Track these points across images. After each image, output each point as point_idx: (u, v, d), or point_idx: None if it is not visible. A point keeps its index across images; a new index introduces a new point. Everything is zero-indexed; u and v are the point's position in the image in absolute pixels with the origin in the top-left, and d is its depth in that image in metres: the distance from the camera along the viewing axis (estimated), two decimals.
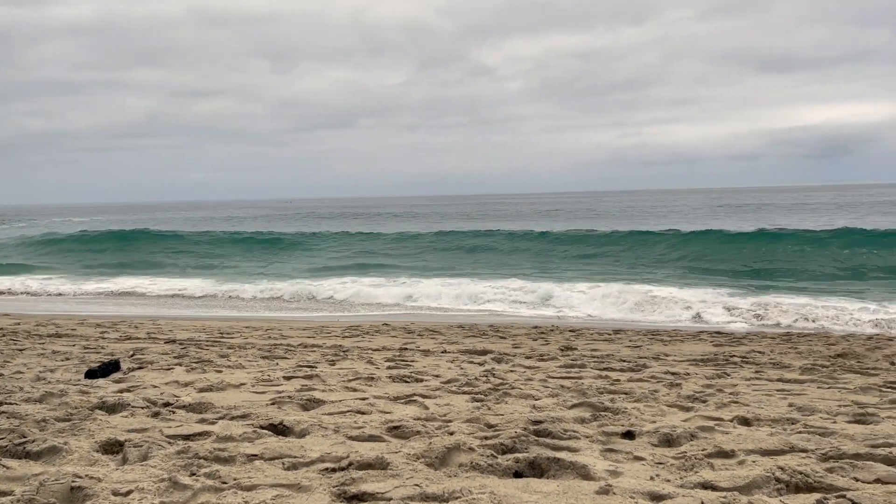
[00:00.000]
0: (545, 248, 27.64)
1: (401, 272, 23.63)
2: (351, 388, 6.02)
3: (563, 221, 49.29)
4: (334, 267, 25.82)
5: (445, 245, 30.15)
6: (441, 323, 13.70)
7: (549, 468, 3.55)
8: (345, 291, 20.02)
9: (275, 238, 33.11)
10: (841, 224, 27.25)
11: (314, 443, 4.07)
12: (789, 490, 3.25)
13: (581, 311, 16.44)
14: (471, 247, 29.38)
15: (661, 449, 4.08)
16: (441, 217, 62.22)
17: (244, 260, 27.74)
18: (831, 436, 4.31)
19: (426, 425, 4.47)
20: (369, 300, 19.18)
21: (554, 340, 10.69)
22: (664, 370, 7.43)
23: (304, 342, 9.87)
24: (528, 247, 28.23)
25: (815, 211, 56.50)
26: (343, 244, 31.83)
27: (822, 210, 56.65)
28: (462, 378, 6.60)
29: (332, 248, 31.00)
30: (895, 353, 8.71)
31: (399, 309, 17.64)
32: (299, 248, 31.06)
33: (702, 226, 28.20)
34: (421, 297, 18.95)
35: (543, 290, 18.49)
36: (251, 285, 21.54)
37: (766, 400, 5.70)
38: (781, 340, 10.87)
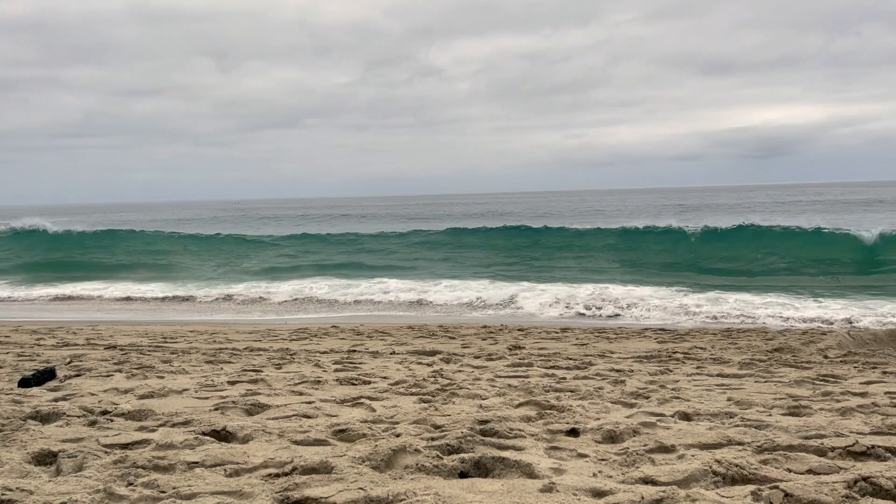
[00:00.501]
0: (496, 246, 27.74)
1: (363, 272, 23.53)
2: (297, 391, 5.95)
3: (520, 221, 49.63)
4: (284, 268, 25.48)
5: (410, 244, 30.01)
6: (391, 324, 13.66)
7: (495, 468, 3.57)
8: (297, 293, 19.85)
9: (223, 239, 32.47)
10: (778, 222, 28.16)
11: (258, 448, 4.01)
12: (725, 482, 3.33)
13: (530, 311, 16.62)
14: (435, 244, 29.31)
15: (604, 445, 4.15)
16: (399, 218, 62.16)
17: (191, 261, 27.13)
18: (767, 428, 4.45)
19: (373, 428, 4.44)
20: (315, 300, 19.05)
21: (503, 340, 10.77)
22: (609, 367, 7.56)
23: (250, 346, 9.72)
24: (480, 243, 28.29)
25: (754, 210, 58.37)
26: (296, 246, 31.45)
27: (761, 209, 58.57)
28: (410, 379, 6.59)
29: (284, 249, 30.58)
30: (828, 347, 9.04)
31: (350, 310, 17.53)
32: (251, 249, 30.55)
33: (645, 224, 28.69)
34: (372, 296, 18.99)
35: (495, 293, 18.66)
36: (199, 289, 21.12)
37: (706, 395, 5.85)
38: (722, 336, 11.17)
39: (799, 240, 23.03)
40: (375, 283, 21.01)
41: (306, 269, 24.77)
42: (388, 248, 28.70)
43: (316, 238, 32.54)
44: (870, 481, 3.16)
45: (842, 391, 5.89)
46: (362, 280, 21.82)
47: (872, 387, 6.19)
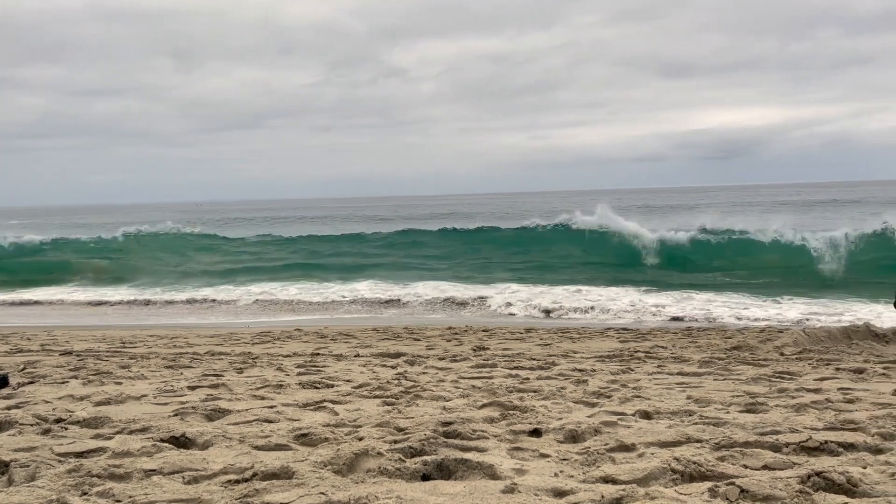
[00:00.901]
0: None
1: (322, 274, 23.37)
2: (259, 396, 5.88)
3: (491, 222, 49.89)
4: (244, 270, 25.16)
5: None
6: (355, 326, 13.59)
7: (457, 469, 3.57)
8: (260, 295, 19.65)
9: (187, 241, 31.89)
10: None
11: (217, 454, 3.95)
12: (684, 480, 3.39)
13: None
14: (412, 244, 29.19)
15: (566, 445, 4.18)
16: (363, 220, 61.84)
17: (152, 264, 26.61)
18: (724, 426, 4.53)
19: (335, 431, 4.41)
20: (278, 302, 18.90)
21: (467, 341, 10.79)
22: (572, 367, 7.62)
23: (211, 350, 9.58)
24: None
25: (715, 210, 59.52)
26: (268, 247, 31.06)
27: (722, 209, 59.75)
28: (374, 382, 6.56)
29: (246, 251, 30.18)
30: (784, 345, 9.24)
31: (315, 313, 17.40)
32: (211, 252, 30.09)
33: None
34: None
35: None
36: (159, 293, 20.76)
37: (667, 393, 5.93)
38: (683, 335, 11.35)
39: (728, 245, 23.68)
40: (337, 286, 20.98)
41: (271, 272, 24.52)
42: (343, 251, 28.49)
43: (277, 241, 32.23)
44: (822, 476, 3.23)
45: (797, 388, 6.03)
46: (317, 282, 21.80)
47: (826, 383, 6.34)
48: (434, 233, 31.36)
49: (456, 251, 26.84)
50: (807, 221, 33.55)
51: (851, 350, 8.99)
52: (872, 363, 7.67)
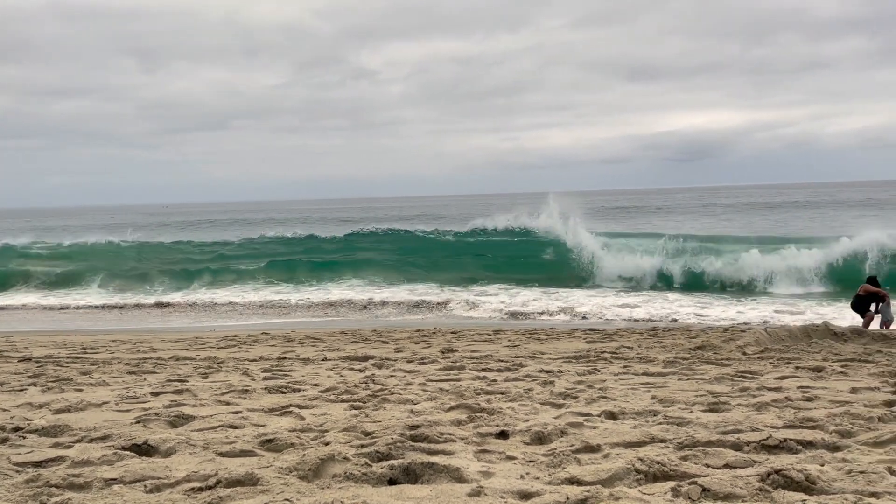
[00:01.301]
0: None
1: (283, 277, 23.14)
2: (224, 401, 5.81)
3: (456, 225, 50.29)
4: (205, 272, 24.82)
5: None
6: (323, 329, 13.50)
7: (424, 473, 3.57)
8: (229, 299, 19.44)
9: (143, 246, 31.27)
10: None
11: (181, 462, 3.89)
12: (648, 480, 3.43)
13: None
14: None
15: (532, 447, 4.20)
16: (330, 222, 61.45)
17: (118, 268, 26.07)
18: (688, 425, 4.59)
19: (301, 437, 4.38)
20: (243, 305, 18.72)
21: (436, 343, 10.79)
22: (539, 368, 7.66)
23: (175, 355, 9.44)
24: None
25: (679, 212, 60.47)
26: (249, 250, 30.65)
27: (688, 211, 60.66)
28: (341, 386, 6.52)
29: (210, 255, 29.75)
30: (747, 344, 9.41)
31: (273, 317, 17.25)
32: (178, 255, 29.62)
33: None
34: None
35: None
36: (125, 297, 20.41)
37: (632, 393, 6.00)
38: (648, 335, 11.49)
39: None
40: (301, 289, 20.89)
41: (235, 275, 24.23)
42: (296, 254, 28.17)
43: (243, 245, 31.86)
44: (781, 474, 3.30)
45: (758, 387, 6.14)
46: (277, 286, 21.70)
47: (786, 381, 6.48)
48: (380, 235, 31.28)
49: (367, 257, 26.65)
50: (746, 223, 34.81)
51: (811, 349, 9.20)
52: (831, 361, 7.85)
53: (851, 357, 8.28)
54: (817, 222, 42.41)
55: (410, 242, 29.69)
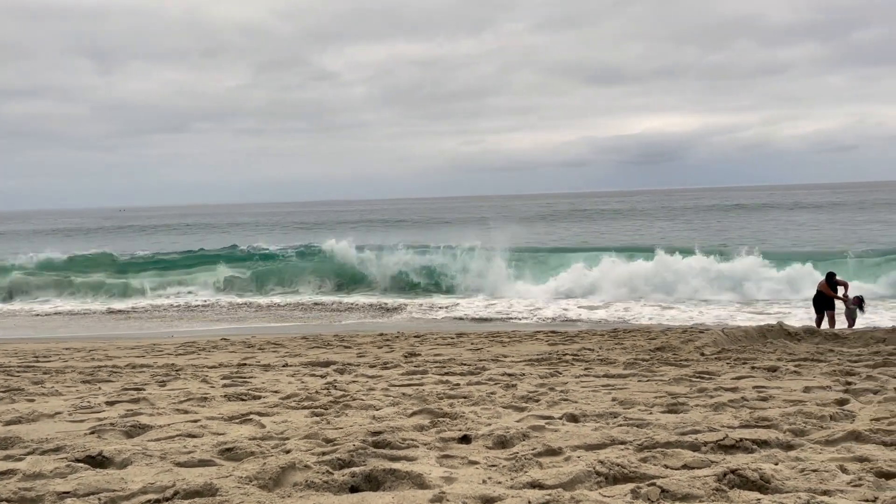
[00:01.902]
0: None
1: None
2: (182, 409, 5.70)
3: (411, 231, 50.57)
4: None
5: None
6: (284, 335, 13.37)
7: (386, 480, 3.55)
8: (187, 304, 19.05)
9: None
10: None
11: (137, 473, 3.80)
12: (608, 482, 3.46)
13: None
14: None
15: (494, 451, 4.21)
16: (287, 227, 60.94)
17: (73, 272, 25.41)
18: (647, 427, 4.65)
19: (261, 445, 4.32)
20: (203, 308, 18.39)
21: (399, 347, 10.76)
22: (502, 372, 7.70)
23: (132, 362, 9.24)
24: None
25: (640, 215, 61.38)
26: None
27: (650, 214, 61.58)
28: (302, 392, 6.46)
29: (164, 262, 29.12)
30: (705, 345, 9.58)
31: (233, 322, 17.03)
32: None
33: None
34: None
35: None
36: (73, 304, 19.89)
37: (593, 396, 6.06)
38: (609, 337, 11.63)
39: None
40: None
41: (193, 279, 23.85)
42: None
43: (207, 256, 31.32)
44: (737, 473, 3.36)
45: (715, 387, 6.26)
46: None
47: (742, 381, 6.61)
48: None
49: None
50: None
51: (766, 349, 9.41)
52: (785, 361, 8.04)
53: (805, 357, 8.49)
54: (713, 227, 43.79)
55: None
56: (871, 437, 4.18)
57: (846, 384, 6.25)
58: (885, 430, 4.29)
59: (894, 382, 6.25)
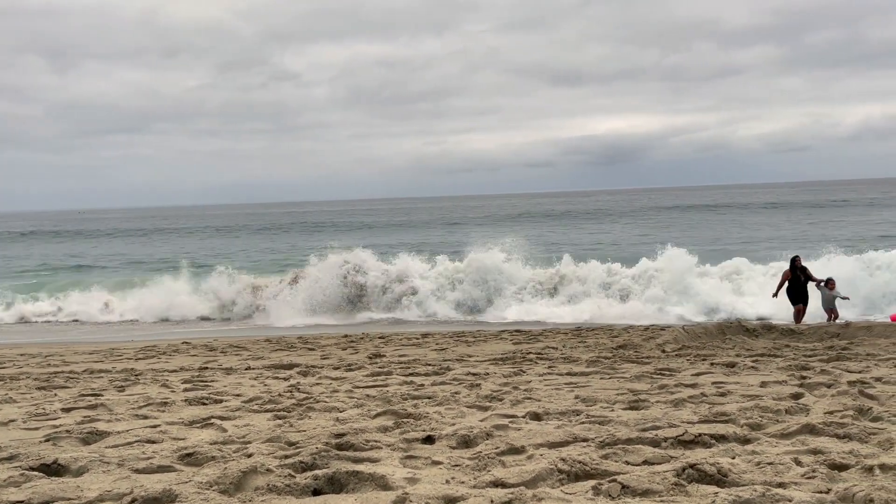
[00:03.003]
0: None
1: None
2: (141, 415, 5.60)
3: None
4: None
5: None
6: (247, 338, 13.22)
7: (349, 482, 3.53)
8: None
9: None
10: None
11: (93, 481, 3.72)
12: (570, 479, 3.49)
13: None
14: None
15: (458, 451, 4.22)
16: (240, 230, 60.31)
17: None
18: (609, 423, 4.71)
19: (223, 449, 4.26)
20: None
21: (363, 348, 10.72)
22: (466, 371, 7.71)
23: (90, 368, 9.04)
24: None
25: (606, 214, 62.11)
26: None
27: (615, 214, 62.25)
28: (265, 395, 6.39)
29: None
30: (666, 342, 9.73)
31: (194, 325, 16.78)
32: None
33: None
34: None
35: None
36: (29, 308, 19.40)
37: (556, 394, 6.11)
38: (573, 335, 11.74)
39: None
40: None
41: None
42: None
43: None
44: (696, 468, 3.42)
45: (675, 384, 6.36)
46: None
47: (702, 378, 6.72)
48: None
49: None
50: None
51: (725, 345, 9.59)
52: (743, 357, 8.20)
53: (762, 352, 8.68)
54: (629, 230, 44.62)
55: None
56: (824, 430, 4.29)
57: (801, 378, 6.41)
58: (837, 423, 4.41)
59: (847, 376, 6.42)
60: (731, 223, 45.56)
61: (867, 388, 5.71)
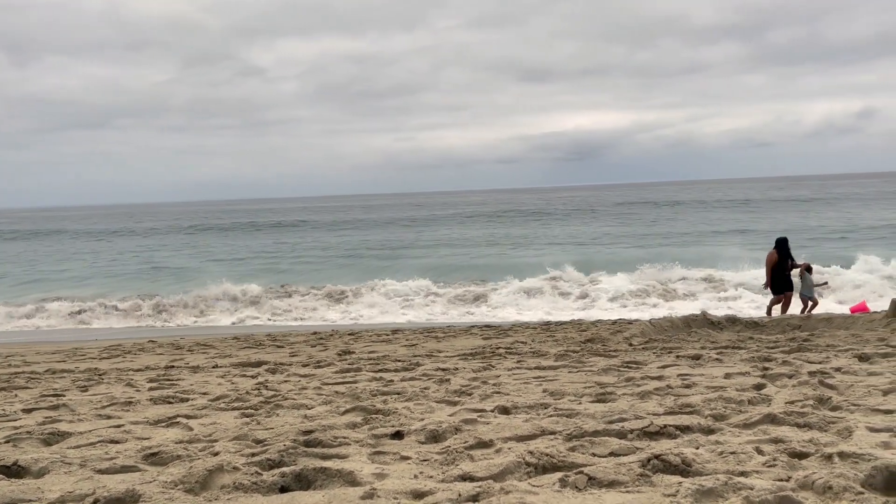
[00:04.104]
0: None
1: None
2: (105, 415, 5.51)
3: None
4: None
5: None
6: (214, 336, 13.07)
7: (316, 479, 3.52)
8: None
9: None
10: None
11: (55, 482, 3.65)
12: (537, 472, 3.52)
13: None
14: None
15: (427, 446, 4.22)
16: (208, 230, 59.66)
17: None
18: (576, 416, 4.75)
19: (188, 448, 4.21)
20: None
21: (333, 345, 10.67)
22: (436, 367, 7.72)
23: (52, 368, 8.86)
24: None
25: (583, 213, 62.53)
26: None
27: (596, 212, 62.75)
28: (232, 393, 6.33)
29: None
30: (633, 335, 9.85)
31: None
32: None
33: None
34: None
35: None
36: None
37: (525, 388, 6.15)
38: (542, 330, 11.82)
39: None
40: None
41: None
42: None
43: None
44: (661, 459, 3.47)
45: (642, 376, 6.44)
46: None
47: (668, 370, 6.82)
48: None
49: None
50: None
51: (691, 338, 9.74)
52: (708, 349, 8.34)
53: (726, 344, 8.83)
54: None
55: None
56: (785, 420, 4.38)
57: (764, 369, 6.53)
58: (798, 413, 4.51)
59: (808, 367, 6.56)
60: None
61: (827, 378, 5.85)
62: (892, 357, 7.11)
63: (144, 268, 28.96)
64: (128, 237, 53.17)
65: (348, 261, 29.63)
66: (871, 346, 8.02)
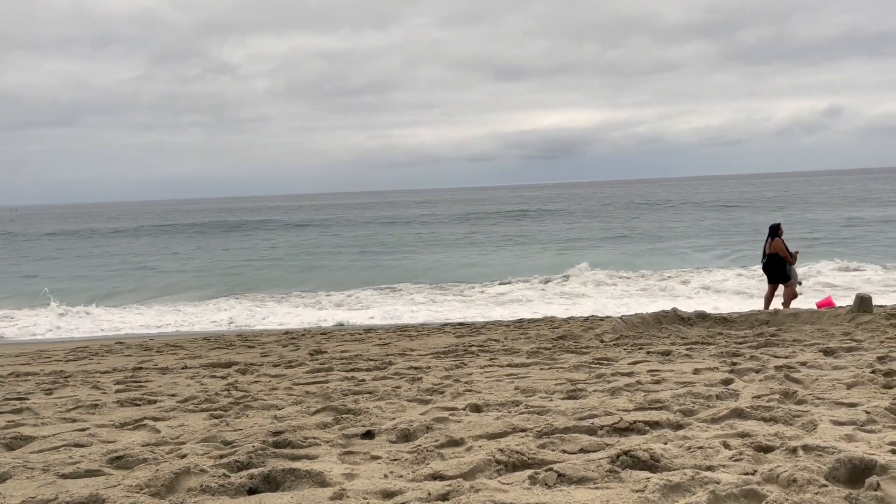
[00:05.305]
0: None
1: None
2: (69, 418, 5.40)
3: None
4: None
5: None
6: (184, 336, 12.91)
7: (285, 480, 3.48)
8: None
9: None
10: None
11: (16, 487, 3.57)
12: (507, 470, 3.52)
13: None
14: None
15: (397, 445, 4.21)
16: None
17: None
18: (547, 413, 4.77)
19: (155, 451, 4.15)
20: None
21: (304, 345, 10.58)
22: (408, 365, 7.70)
23: (15, 370, 8.68)
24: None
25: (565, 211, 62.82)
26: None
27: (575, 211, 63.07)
28: (202, 395, 6.25)
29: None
30: (604, 332, 9.91)
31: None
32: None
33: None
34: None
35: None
36: None
37: (496, 385, 6.15)
38: (515, 327, 11.84)
39: None
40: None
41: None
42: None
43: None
44: (630, 454, 3.50)
45: (612, 373, 6.48)
46: None
47: (638, 366, 6.88)
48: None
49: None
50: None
51: (661, 334, 9.83)
52: (678, 345, 8.42)
53: (696, 340, 8.93)
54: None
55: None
56: (752, 414, 4.45)
57: (732, 365, 6.61)
58: (764, 407, 4.58)
59: (775, 361, 6.66)
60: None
61: (793, 373, 5.94)
62: (857, 351, 7.25)
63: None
64: (87, 238, 52.39)
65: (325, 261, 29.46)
66: (836, 341, 8.17)
